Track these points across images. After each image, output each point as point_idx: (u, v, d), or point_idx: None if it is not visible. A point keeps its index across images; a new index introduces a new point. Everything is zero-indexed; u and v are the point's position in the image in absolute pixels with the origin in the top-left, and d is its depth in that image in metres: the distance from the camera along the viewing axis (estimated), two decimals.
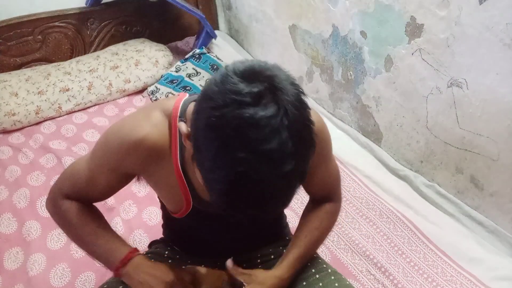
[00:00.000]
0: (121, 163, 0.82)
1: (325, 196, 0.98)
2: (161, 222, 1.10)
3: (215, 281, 0.88)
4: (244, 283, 0.87)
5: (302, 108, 0.60)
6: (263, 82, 0.58)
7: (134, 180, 0.90)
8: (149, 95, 2.16)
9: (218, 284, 0.88)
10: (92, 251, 0.90)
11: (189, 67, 2.17)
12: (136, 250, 0.88)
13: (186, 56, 2.25)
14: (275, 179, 0.58)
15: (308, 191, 0.99)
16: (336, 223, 1.51)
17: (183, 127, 0.69)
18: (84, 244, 0.91)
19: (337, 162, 1.71)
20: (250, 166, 0.56)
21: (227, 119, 0.56)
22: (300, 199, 1.59)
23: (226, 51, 2.42)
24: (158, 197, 0.97)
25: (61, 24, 2.20)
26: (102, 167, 0.84)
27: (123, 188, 0.90)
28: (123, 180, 0.87)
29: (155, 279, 0.83)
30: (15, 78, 2.03)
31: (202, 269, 0.90)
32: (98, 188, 0.87)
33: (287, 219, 1.14)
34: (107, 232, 0.90)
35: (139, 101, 2.17)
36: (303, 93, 0.61)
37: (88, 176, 0.86)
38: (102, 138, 0.85)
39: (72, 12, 2.21)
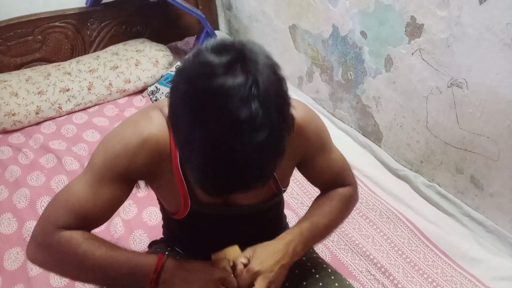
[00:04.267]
0: (127, 167, 0.77)
1: (333, 184, 0.97)
2: (161, 222, 1.10)
3: (234, 255, 0.85)
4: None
5: (275, 79, 0.60)
6: (234, 53, 0.59)
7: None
8: (149, 95, 2.16)
9: (236, 255, 0.85)
10: (112, 277, 0.78)
11: None
12: (162, 256, 0.80)
13: (186, 56, 2.25)
14: (248, 150, 0.57)
15: (313, 184, 0.99)
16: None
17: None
18: (99, 274, 0.78)
19: None
20: (222, 136, 0.57)
21: (198, 90, 0.58)
22: (300, 199, 1.59)
23: None
24: (158, 198, 0.97)
25: (61, 24, 2.20)
26: (105, 178, 0.77)
27: None
28: (128, 188, 0.81)
29: (202, 281, 0.77)
30: (15, 78, 2.03)
31: (220, 254, 0.85)
32: (101, 204, 0.78)
33: (287, 219, 1.14)
34: (122, 251, 0.79)
35: (139, 101, 2.17)
36: (277, 66, 0.62)
37: (88, 194, 0.77)
38: (101, 147, 0.80)
39: (72, 12, 2.21)
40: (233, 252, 0.86)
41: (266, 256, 0.83)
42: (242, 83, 0.57)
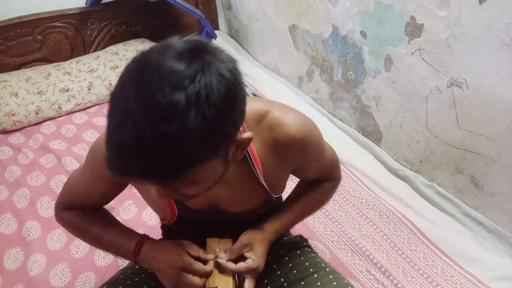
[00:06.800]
0: None
1: (320, 179, 1.01)
2: (160, 223, 1.10)
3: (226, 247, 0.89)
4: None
5: (223, 90, 0.55)
6: (199, 46, 0.58)
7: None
8: None
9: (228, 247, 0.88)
10: (108, 249, 0.95)
11: None
12: (143, 237, 0.90)
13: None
14: (151, 136, 0.53)
15: (301, 179, 1.04)
16: (336, 222, 1.51)
17: None
18: (99, 244, 0.96)
19: None
20: (136, 111, 0.53)
21: (149, 61, 0.57)
22: None
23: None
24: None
25: (61, 24, 2.20)
26: (95, 179, 0.86)
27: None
28: (119, 187, 0.90)
29: (166, 266, 0.84)
30: (15, 78, 2.03)
31: (214, 241, 0.90)
32: (96, 197, 0.91)
33: None
34: (115, 227, 0.93)
35: None
36: (235, 85, 0.58)
37: (83, 188, 0.89)
38: (90, 150, 0.86)
39: (72, 12, 2.21)
40: (226, 244, 0.89)
41: (263, 254, 0.88)
42: (181, 70, 0.54)
